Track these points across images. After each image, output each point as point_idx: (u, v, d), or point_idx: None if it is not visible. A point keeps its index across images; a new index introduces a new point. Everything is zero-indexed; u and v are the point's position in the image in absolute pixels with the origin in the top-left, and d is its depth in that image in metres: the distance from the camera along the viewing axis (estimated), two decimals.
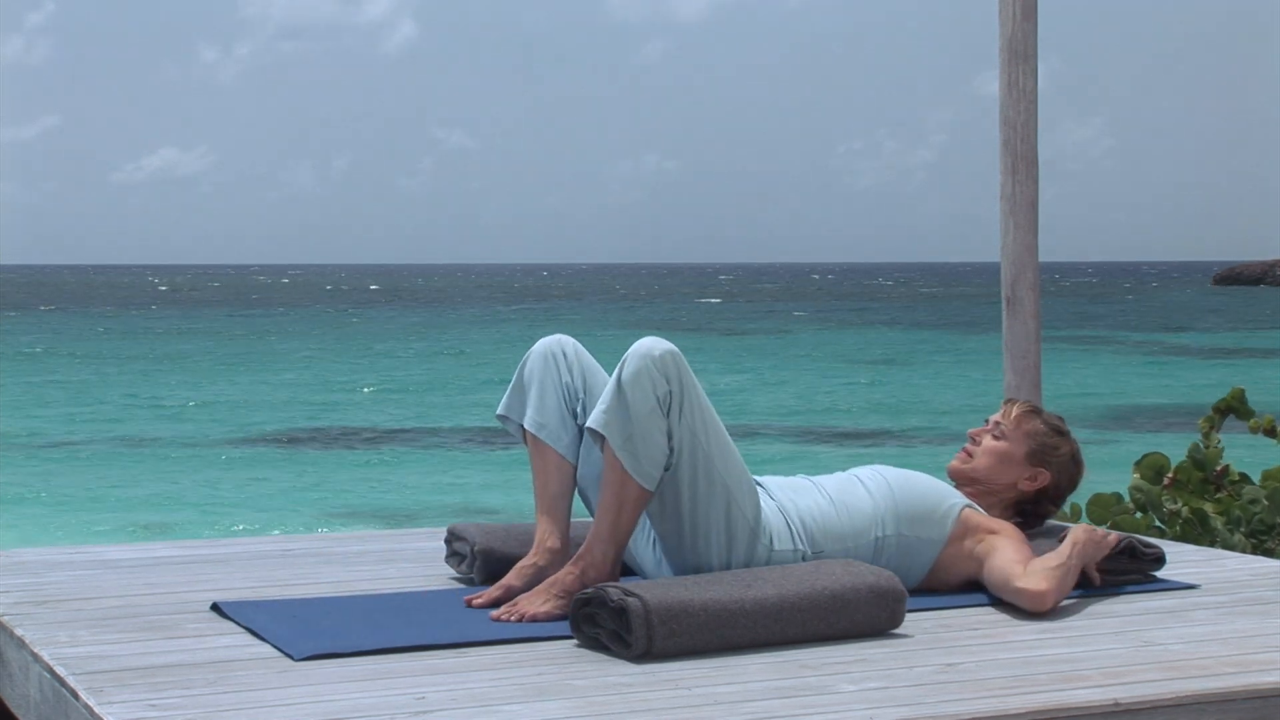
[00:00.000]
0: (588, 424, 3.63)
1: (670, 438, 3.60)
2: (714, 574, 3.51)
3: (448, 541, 4.16)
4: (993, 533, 3.88)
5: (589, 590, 3.33)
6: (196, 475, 19.27)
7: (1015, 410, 4.12)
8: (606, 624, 3.26)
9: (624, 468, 3.57)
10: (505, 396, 4.02)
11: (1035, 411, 4.13)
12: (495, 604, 3.67)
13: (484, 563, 4.01)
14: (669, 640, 3.21)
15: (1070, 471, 4.10)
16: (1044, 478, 4.06)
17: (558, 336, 4.01)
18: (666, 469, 3.64)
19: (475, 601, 3.70)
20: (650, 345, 3.60)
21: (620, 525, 3.61)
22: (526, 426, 3.95)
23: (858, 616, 3.41)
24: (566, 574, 3.61)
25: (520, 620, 3.53)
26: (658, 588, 3.31)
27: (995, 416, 4.14)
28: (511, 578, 3.74)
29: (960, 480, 4.07)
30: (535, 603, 3.57)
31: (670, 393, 3.58)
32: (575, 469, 3.93)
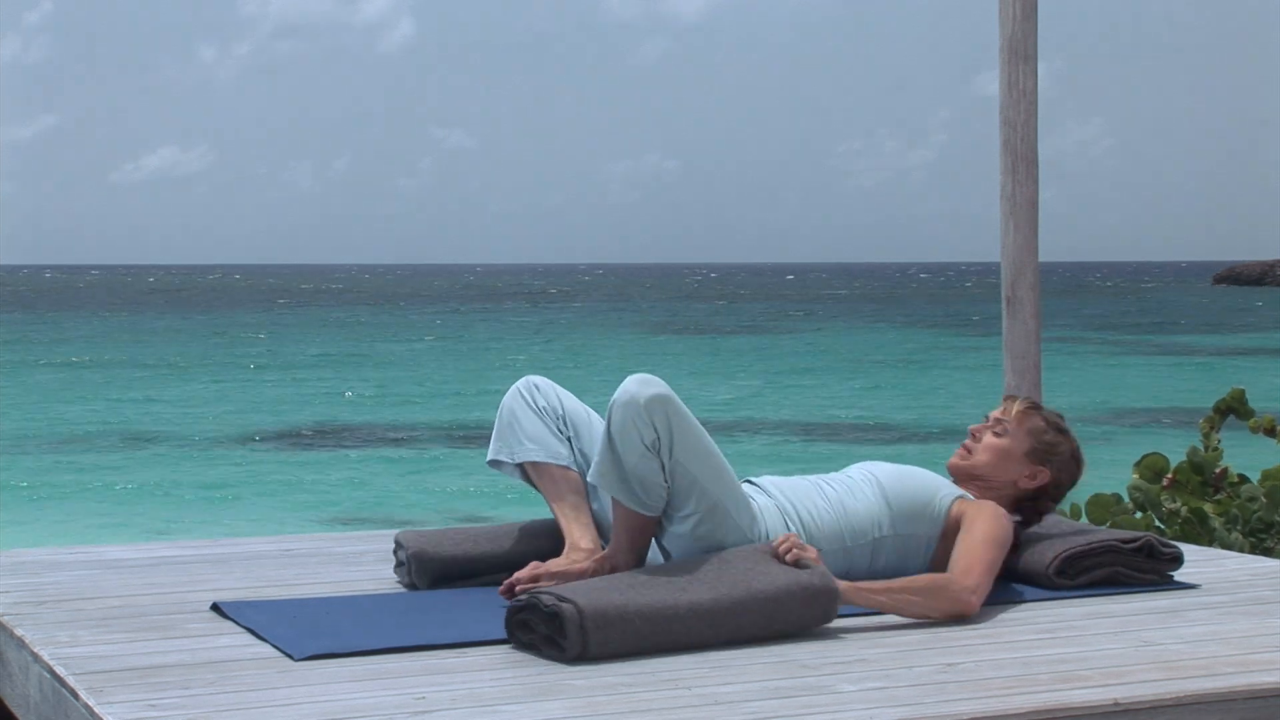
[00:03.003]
0: (589, 477, 3.69)
1: (664, 470, 3.63)
2: (651, 574, 3.48)
3: (394, 552, 4.11)
4: (972, 519, 3.85)
5: (522, 598, 3.33)
6: (196, 475, 19.26)
7: (1016, 407, 4.11)
8: (540, 629, 3.25)
9: (626, 506, 3.65)
10: (491, 444, 4.07)
11: (1036, 408, 4.12)
12: (533, 580, 3.65)
13: (419, 566, 3.95)
14: (604, 645, 3.20)
15: (1070, 469, 4.09)
16: (1043, 475, 4.06)
17: (526, 377, 4.11)
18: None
19: (504, 586, 3.67)
20: (634, 393, 3.59)
21: (637, 542, 3.70)
22: (519, 459, 4.00)
23: (791, 616, 3.41)
24: (595, 565, 3.66)
25: (539, 580, 3.59)
26: (593, 592, 3.30)
27: (996, 413, 4.13)
28: (543, 567, 3.71)
29: (960, 476, 4.07)
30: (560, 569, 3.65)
31: (658, 438, 3.59)
32: (580, 474, 3.98)
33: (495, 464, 4.06)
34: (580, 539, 3.85)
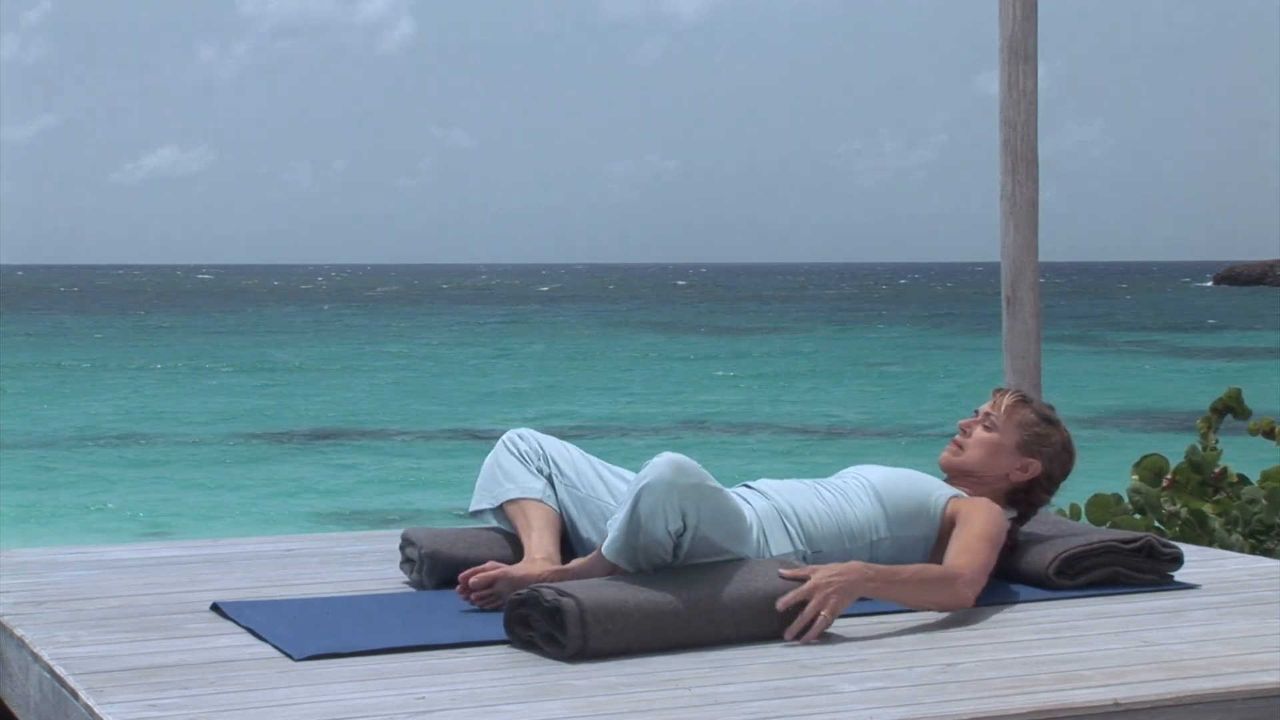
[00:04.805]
0: (603, 551, 3.52)
1: (678, 548, 3.51)
2: (650, 574, 3.47)
3: (401, 548, 4.11)
4: (967, 516, 3.85)
5: (523, 591, 3.33)
6: (196, 475, 19.27)
7: (1005, 400, 4.09)
8: (540, 626, 3.25)
9: (617, 564, 3.52)
10: (474, 494, 4.09)
11: (1025, 400, 4.11)
12: (488, 582, 3.61)
13: (431, 566, 3.97)
14: (603, 639, 3.20)
15: (1062, 460, 4.08)
16: (1035, 468, 4.05)
17: (509, 431, 4.15)
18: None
19: (460, 581, 3.63)
20: (671, 481, 3.43)
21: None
22: (498, 501, 4.02)
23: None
24: (554, 577, 3.58)
25: (495, 583, 3.57)
26: (592, 588, 3.31)
27: (985, 407, 4.11)
28: (502, 569, 3.66)
29: (951, 473, 4.06)
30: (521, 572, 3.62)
31: (684, 527, 3.47)
32: (555, 511, 3.99)
33: (476, 514, 4.10)
34: (536, 550, 3.86)
